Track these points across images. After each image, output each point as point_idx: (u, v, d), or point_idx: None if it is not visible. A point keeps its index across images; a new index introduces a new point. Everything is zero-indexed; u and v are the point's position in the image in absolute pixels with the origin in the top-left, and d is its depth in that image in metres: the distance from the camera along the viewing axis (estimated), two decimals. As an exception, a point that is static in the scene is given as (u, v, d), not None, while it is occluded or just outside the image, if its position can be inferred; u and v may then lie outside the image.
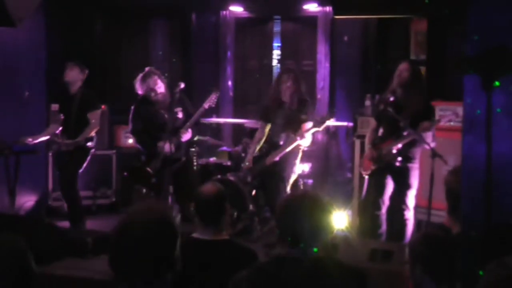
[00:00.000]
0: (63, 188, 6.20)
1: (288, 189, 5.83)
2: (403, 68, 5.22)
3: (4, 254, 2.09)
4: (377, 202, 5.31)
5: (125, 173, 6.41)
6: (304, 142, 5.74)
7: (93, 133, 6.09)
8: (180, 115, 5.93)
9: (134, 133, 6.03)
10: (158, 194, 5.89)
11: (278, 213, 2.43)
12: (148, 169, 5.85)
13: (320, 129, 5.74)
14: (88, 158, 6.11)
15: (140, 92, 5.95)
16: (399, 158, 5.12)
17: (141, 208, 2.16)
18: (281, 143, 5.91)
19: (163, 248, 2.03)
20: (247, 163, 6.05)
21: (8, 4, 4.62)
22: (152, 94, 5.87)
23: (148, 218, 2.06)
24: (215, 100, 5.90)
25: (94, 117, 6.10)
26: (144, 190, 6.27)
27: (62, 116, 6.22)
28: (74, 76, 6.15)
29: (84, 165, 6.09)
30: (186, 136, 5.87)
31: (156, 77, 5.89)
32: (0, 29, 5.37)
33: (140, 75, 5.93)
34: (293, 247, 2.33)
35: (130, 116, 6.02)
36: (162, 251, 2.03)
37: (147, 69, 6.00)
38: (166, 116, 5.92)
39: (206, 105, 5.83)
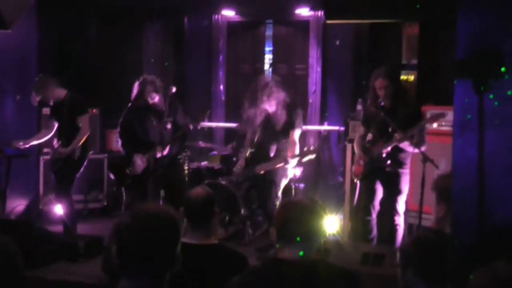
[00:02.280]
0: (56, 192, 6.15)
1: (280, 193, 5.84)
2: (379, 86, 5.15)
3: None
4: (368, 208, 5.31)
5: (109, 172, 6.44)
6: (289, 166, 5.80)
7: (83, 140, 5.99)
8: (169, 125, 5.93)
9: (122, 136, 6.04)
10: (131, 196, 5.95)
11: (275, 217, 2.45)
12: (127, 170, 5.90)
13: (303, 160, 5.77)
14: (85, 163, 6.05)
15: (133, 98, 5.96)
16: (389, 162, 5.12)
17: (150, 206, 2.27)
18: (272, 155, 5.94)
19: (167, 244, 2.15)
20: (238, 167, 6.07)
21: (1, 7, 4.60)
22: (144, 103, 5.88)
23: (157, 215, 2.19)
24: (202, 121, 5.97)
25: (83, 121, 6.00)
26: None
27: (55, 123, 6.15)
28: (56, 94, 6.03)
29: (81, 169, 6.04)
30: (164, 152, 5.81)
31: (151, 88, 5.87)
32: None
33: (137, 81, 5.94)
34: (287, 250, 2.34)
35: (122, 115, 6.04)
36: (166, 247, 2.15)
37: (143, 77, 5.99)
38: (154, 123, 5.95)
39: (191, 126, 5.87)
